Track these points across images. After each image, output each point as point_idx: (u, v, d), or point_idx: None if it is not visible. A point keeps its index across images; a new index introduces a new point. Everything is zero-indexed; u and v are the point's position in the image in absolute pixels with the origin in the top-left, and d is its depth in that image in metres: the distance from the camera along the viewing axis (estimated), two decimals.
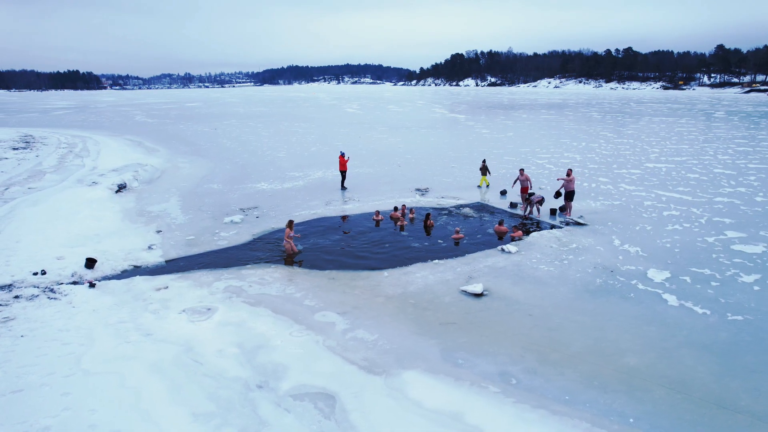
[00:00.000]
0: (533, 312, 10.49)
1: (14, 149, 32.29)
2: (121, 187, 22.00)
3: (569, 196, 17.53)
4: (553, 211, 17.79)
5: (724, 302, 10.75)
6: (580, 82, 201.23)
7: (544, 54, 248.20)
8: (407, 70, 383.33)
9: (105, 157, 29.99)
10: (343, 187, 22.53)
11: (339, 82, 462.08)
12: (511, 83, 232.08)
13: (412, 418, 7.08)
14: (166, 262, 13.77)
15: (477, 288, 11.38)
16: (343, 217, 18.13)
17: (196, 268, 13.24)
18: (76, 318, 10.06)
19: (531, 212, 17.91)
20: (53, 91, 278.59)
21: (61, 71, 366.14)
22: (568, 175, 17.49)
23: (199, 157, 32.39)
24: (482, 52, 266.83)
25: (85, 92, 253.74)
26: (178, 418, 6.92)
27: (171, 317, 10.25)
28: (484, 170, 22.25)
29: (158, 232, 16.30)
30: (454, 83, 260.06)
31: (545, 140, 38.95)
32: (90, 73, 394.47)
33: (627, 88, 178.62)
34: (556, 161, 28.89)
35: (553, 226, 16.50)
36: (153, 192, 21.98)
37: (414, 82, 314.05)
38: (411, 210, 18.01)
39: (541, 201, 17.73)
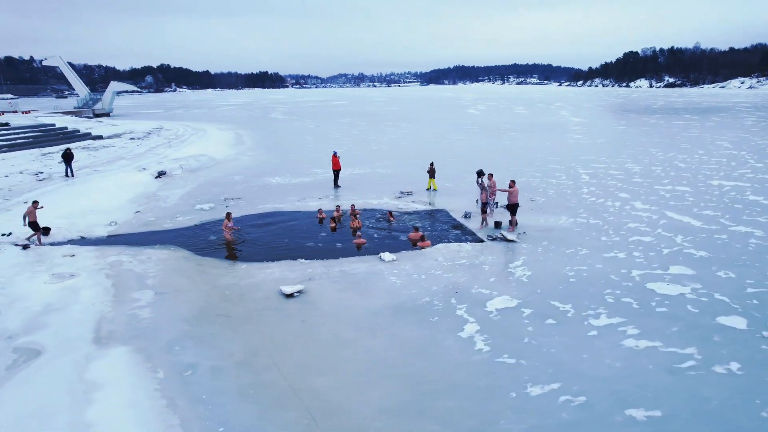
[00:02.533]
0: (312, 319, 10.37)
1: (131, 139, 39.64)
2: (161, 174, 25.88)
3: (512, 209, 15.95)
4: (497, 224, 16.36)
5: (525, 342, 9.30)
6: None
7: (745, 48, 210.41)
8: (578, 69, 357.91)
9: (187, 148, 35.11)
10: (336, 186, 23.33)
11: (504, 83, 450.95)
12: (694, 83, 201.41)
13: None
14: (107, 236, 16.34)
15: (288, 289, 11.54)
16: (323, 213, 19.00)
17: (119, 243, 15.51)
18: None
19: (485, 225, 16.55)
20: (245, 90, 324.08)
21: (254, 72, 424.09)
22: (511, 186, 15.91)
23: (266, 151, 35.88)
24: (661, 50, 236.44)
25: (268, 90, 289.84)
26: None
27: (38, 277, 12.52)
28: (432, 173, 21.22)
29: (136, 212, 19.17)
30: (624, 84, 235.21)
31: (627, 148, 34.23)
32: (276, 74, 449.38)
33: None
34: (601, 172, 25.57)
35: (475, 239, 15.29)
36: (183, 180, 25.42)
37: (580, 82, 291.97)
38: (356, 211, 18.14)
39: (486, 203, 16.54)
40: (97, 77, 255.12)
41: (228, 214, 16.01)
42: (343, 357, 8.89)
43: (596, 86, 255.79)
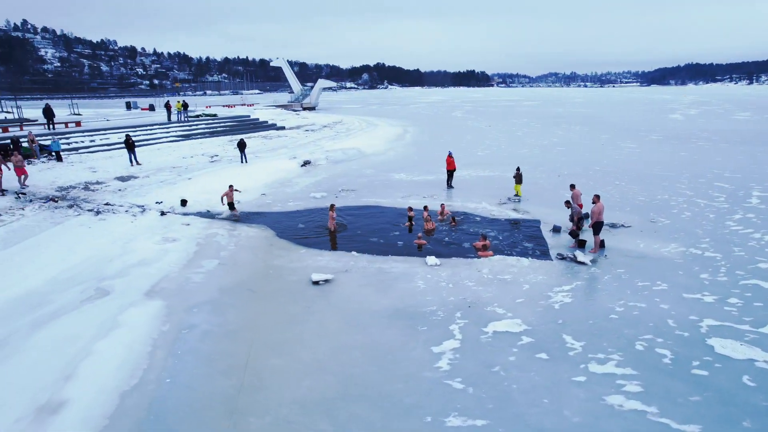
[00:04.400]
0: (315, 307, 11.07)
1: (305, 130, 44.91)
2: (306, 163, 29.10)
3: (595, 228, 14.03)
4: (581, 243, 14.56)
5: (493, 371, 8.54)
6: None
7: None
8: None
9: (347, 141, 38.46)
10: (449, 186, 23.25)
11: (751, 82, 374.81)
12: None
13: None
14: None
15: (316, 276, 12.41)
16: (413, 208, 19.63)
17: (229, 219, 18.31)
18: (124, 225, 16.81)
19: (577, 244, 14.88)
20: (450, 88, 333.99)
21: (461, 71, 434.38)
22: (594, 201, 13.98)
23: (415, 148, 37.16)
24: None
25: (470, 89, 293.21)
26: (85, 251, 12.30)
27: (153, 238, 15.72)
28: (518, 178, 19.22)
29: (261, 194, 22.17)
30: None
31: None
32: (483, 73, 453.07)
33: None
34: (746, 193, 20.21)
35: (542, 256, 13.92)
36: (322, 169, 28.17)
37: None
38: (446, 212, 18.07)
39: (580, 218, 15.02)
40: (324, 75, 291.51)
41: (332, 206, 17.39)
42: (310, 346, 9.39)
43: None
